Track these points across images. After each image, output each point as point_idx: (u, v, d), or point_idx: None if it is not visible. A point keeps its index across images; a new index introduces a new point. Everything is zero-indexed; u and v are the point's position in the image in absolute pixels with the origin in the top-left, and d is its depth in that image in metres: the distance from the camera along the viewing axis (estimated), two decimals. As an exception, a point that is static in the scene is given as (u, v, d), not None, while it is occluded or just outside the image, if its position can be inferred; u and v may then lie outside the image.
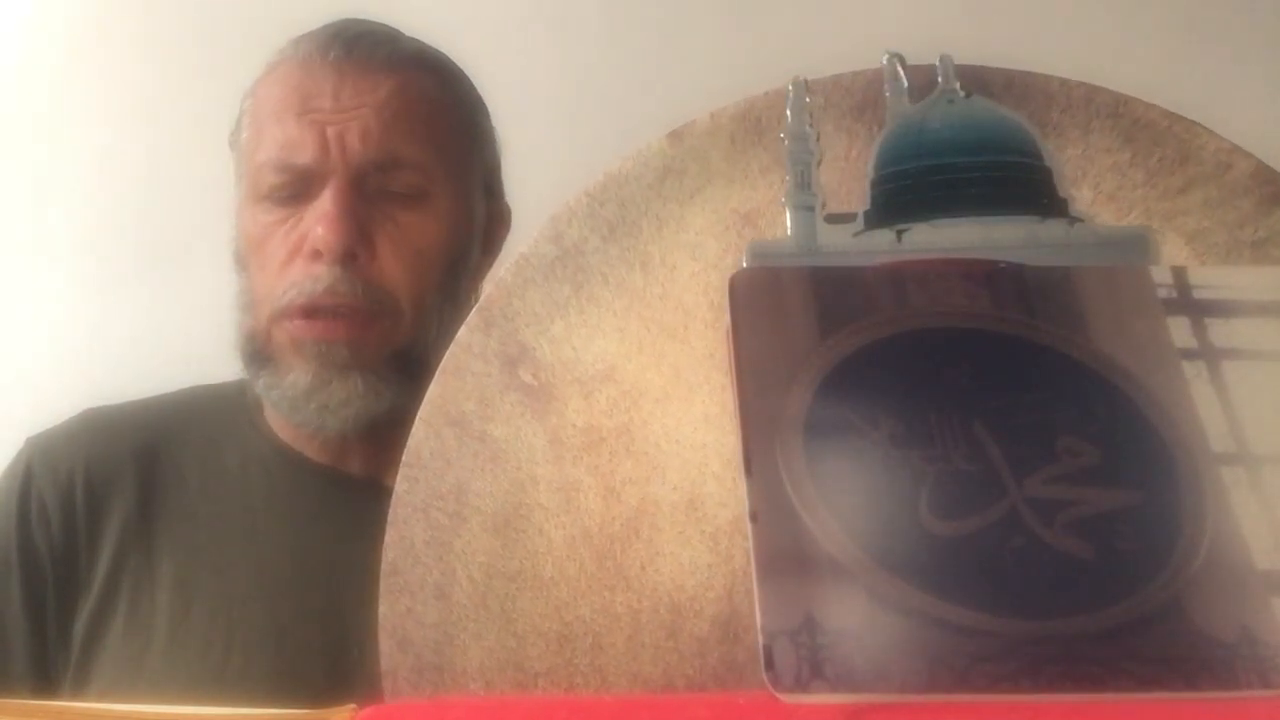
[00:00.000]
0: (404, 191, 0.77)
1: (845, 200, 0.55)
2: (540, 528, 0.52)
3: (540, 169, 0.85)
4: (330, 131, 0.75)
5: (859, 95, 0.57)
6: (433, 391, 0.55)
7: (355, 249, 0.74)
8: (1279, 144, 0.56)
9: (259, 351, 0.77)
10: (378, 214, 0.76)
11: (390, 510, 0.54)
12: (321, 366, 0.74)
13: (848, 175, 0.56)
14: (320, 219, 0.74)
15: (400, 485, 0.54)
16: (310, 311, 0.74)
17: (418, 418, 0.55)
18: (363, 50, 0.78)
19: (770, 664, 0.41)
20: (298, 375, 0.75)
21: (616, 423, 0.53)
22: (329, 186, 0.74)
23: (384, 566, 0.53)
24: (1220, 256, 0.52)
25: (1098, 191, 0.54)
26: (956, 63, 0.57)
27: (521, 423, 0.54)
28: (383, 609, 0.53)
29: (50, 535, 0.78)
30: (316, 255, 0.74)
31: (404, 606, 0.52)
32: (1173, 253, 0.53)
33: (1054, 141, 0.55)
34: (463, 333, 0.56)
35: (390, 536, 0.54)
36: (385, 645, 0.52)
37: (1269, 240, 0.52)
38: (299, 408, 0.75)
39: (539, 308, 0.56)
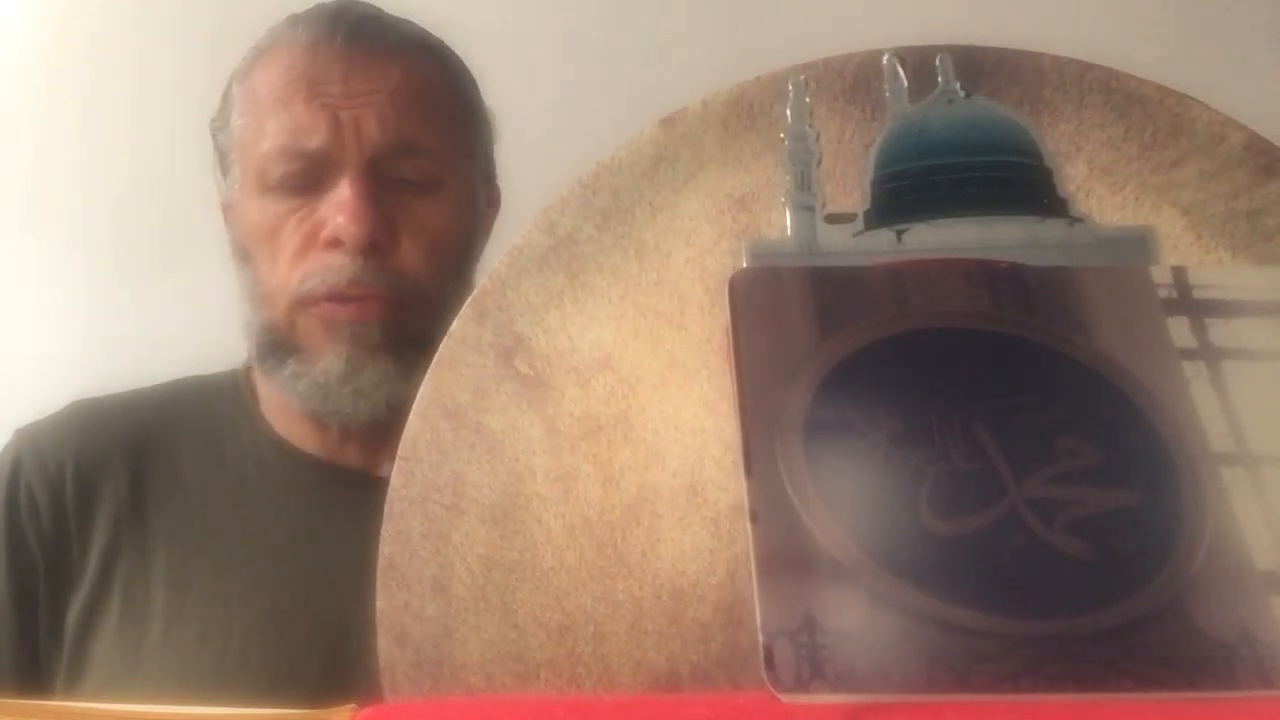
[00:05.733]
0: (418, 179, 0.75)
1: (841, 183, 0.55)
2: (539, 517, 0.52)
3: (534, 159, 0.84)
4: (344, 116, 0.73)
5: (850, 78, 0.57)
6: (427, 384, 0.55)
7: (378, 238, 0.73)
8: (1272, 115, 0.56)
9: (282, 342, 0.76)
10: (395, 203, 0.75)
11: (386, 504, 0.54)
12: (355, 349, 0.73)
13: (842, 159, 0.55)
14: (340, 207, 0.72)
15: (396, 479, 0.54)
16: (337, 297, 0.73)
17: (413, 411, 0.55)
18: (369, 34, 0.76)
19: (770, 664, 0.41)
20: (331, 361, 0.74)
21: (614, 410, 0.53)
22: (345, 174, 0.73)
23: (380, 561, 0.53)
24: (1216, 228, 0.52)
25: (1092, 166, 0.54)
26: (947, 44, 0.57)
27: (518, 413, 0.54)
28: (380, 604, 0.52)
29: (40, 527, 0.77)
30: (334, 244, 0.73)
31: (401, 601, 0.52)
32: (1169, 226, 0.52)
33: (1047, 118, 0.55)
34: (456, 325, 0.56)
35: (386, 531, 0.53)
36: (383, 641, 0.52)
37: (1264, 211, 0.52)
38: (331, 394, 0.74)
39: (533, 298, 0.55)
